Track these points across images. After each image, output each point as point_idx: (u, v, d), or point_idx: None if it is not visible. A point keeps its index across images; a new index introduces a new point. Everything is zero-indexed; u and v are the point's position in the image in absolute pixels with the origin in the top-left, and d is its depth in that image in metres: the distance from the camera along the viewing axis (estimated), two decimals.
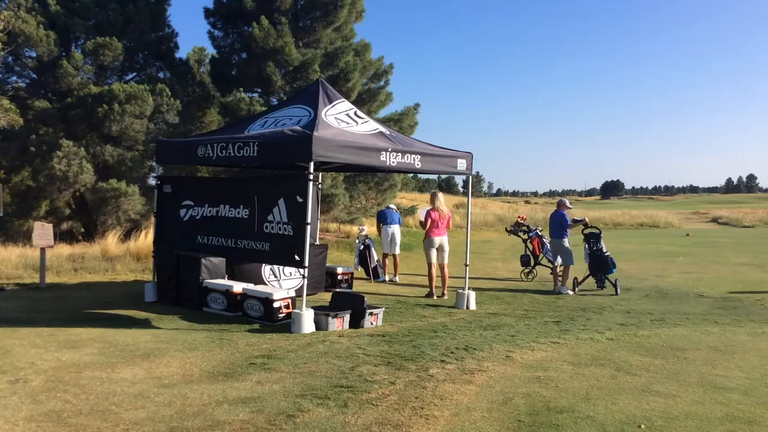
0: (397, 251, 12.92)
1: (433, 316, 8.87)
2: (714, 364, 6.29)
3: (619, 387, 5.44)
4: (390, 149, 8.45)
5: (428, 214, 10.66)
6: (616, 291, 11.31)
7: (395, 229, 12.84)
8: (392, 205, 13.93)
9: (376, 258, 13.07)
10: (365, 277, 12.86)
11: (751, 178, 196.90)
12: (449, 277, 10.98)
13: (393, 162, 8.48)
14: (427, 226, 10.63)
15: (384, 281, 12.70)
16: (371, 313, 8.00)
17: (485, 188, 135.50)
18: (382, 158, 8.35)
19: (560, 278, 11.76)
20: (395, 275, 12.94)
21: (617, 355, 6.61)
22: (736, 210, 58.14)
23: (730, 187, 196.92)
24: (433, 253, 10.67)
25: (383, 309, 8.40)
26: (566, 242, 11.72)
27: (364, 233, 13.43)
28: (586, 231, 11.95)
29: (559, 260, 11.76)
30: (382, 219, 13.05)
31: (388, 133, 9.16)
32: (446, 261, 10.77)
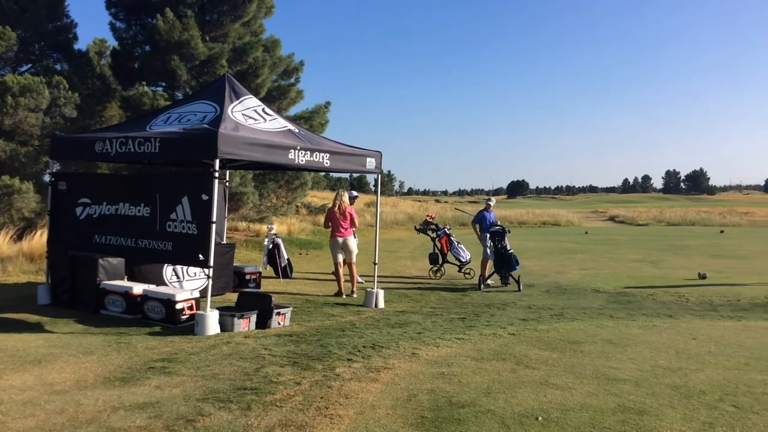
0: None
1: (341, 315, 8.86)
2: (608, 357, 6.59)
3: (518, 380, 5.61)
4: (299, 147, 8.36)
5: (327, 214, 10.67)
6: (519, 287, 11.70)
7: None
8: (354, 192, 12.50)
9: (285, 257, 12.93)
10: (274, 276, 12.70)
11: (646, 178, 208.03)
12: (358, 275, 11.02)
13: (302, 160, 8.41)
14: (327, 226, 10.66)
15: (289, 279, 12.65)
16: (278, 313, 7.90)
17: (396, 187, 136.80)
18: (290, 156, 8.26)
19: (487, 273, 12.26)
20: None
21: (518, 349, 6.82)
22: (632, 209, 61.57)
23: (626, 187, 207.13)
24: (339, 252, 10.67)
25: (291, 308, 8.31)
26: (486, 238, 12.37)
27: (273, 232, 13.25)
28: (491, 229, 12.32)
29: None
30: None
31: (297, 131, 9.08)
32: (353, 260, 10.78)
